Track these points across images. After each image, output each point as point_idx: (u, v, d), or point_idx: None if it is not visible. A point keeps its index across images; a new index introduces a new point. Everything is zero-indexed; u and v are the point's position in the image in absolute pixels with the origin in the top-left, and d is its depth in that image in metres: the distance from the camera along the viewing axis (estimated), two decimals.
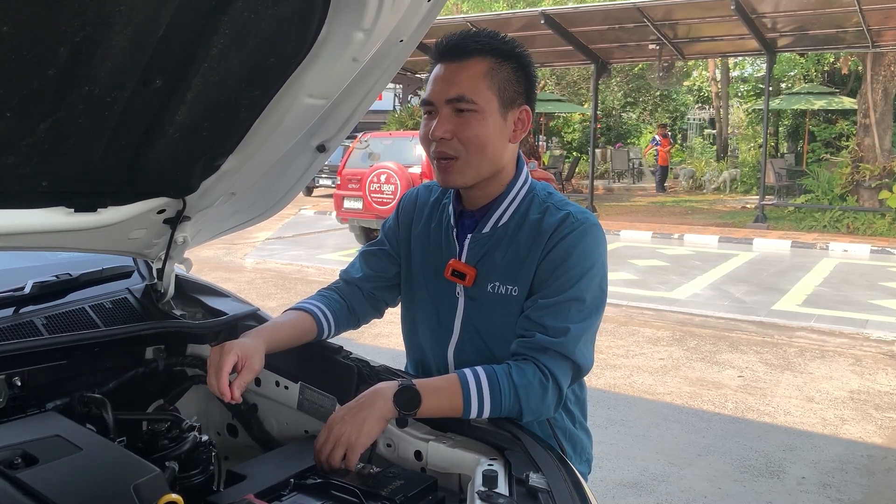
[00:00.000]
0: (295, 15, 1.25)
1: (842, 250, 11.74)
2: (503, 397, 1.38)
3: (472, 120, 1.44)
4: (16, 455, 1.21)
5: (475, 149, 1.45)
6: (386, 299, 1.74)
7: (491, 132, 1.46)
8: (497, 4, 22.63)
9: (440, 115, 1.45)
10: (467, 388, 1.37)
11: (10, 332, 1.59)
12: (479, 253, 1.53)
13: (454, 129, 1.44)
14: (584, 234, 1.47)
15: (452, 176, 1.48)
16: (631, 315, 7.50)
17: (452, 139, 1.45)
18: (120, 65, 1.15)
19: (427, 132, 1.47)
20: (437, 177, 1.52)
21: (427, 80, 1.51)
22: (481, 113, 1.44)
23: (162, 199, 1.65)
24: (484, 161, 1.48)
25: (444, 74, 1.45)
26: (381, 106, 25.79)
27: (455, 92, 1.43)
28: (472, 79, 1.43)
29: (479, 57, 1.44)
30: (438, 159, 1.48)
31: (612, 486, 3.77)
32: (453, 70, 1.44)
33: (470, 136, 1.44)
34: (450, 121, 1.44)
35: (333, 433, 1.32)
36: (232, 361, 1.39)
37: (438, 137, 1.44)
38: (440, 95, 1.45)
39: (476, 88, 1.43)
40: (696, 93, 31.91)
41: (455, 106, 1.44)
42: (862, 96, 14.47)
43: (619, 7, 13.05)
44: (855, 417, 4.79)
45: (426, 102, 1.48)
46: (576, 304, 1.44)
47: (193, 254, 1.94)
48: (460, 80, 1.43)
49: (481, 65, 1.44)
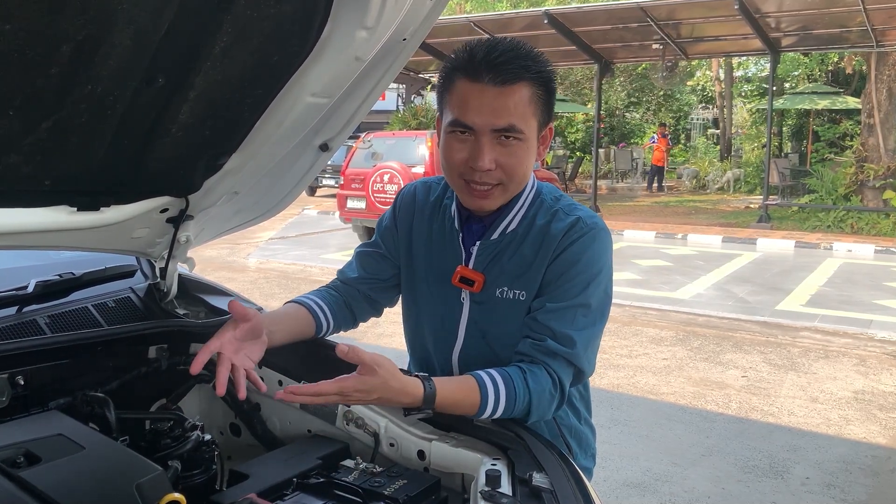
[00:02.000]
0: (298, 13, 1.25)
1: (846, 250, 11.70)
2: (517, 403, 1.38)
3: (517, 149, 1.39)
4: (18, 454, 1.22)
5: (517, 177, 1.42)
6: (383, 300, 1.72)
7: (531, 158, 1.43)
8: (500, 4, 22.62)
9: (483, 143, 1.37)
10: (485, 396, 1.36)
11: (13, 331, 1.59)
12: (487, 259, 1.51)
13: (498, 158, 1.38)
14: (594, 240, 1.45)
15: (489, 202, 1.44)
16: (634, 315, 7.49)
17: (496, 169, 1.39)
18: (122, 63, 1.14)
19: (459, 157, 1.40)
20: (465, 200, 1.47)
21: (451, 92, 1.40)
22: (525, 141, 1.39)
23: (165, 198, 1.65)
24: (520, 185, 1.46)
25: (485, 99, 1.35)
26: (384, 106, 25.79)
27: (504, 122, 1.35)
28: (520, 107, 1.36)
29: (524, 82, 1.36)
30: (475, 184, 1.41)
31: (616, 486, 3.77)
32: (496, 96, 1.35)
33: (516, 164, 1.39)
34: (494, 149, 1.38)
35: (348, 398, 1.28)
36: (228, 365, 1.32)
37: (486, 169, 1.38)
38: (484, 123, 1.36)
39: (523, 117, 1.37)
40: (699, 93, 31.85)
41: (501, 135, 1.37)
42: (866, 96, 14.43)
43: (622, 7, 13.03)
44: (859, 418, 4.78)
45: (462, 125, 1.38)
46: (583, 310, 1.43)
47: (196, 253, 1.94)
48: (508, 109, 1.35)
49: (526, 90, 1.36)
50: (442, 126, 1.45)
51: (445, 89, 1.42)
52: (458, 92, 1.38)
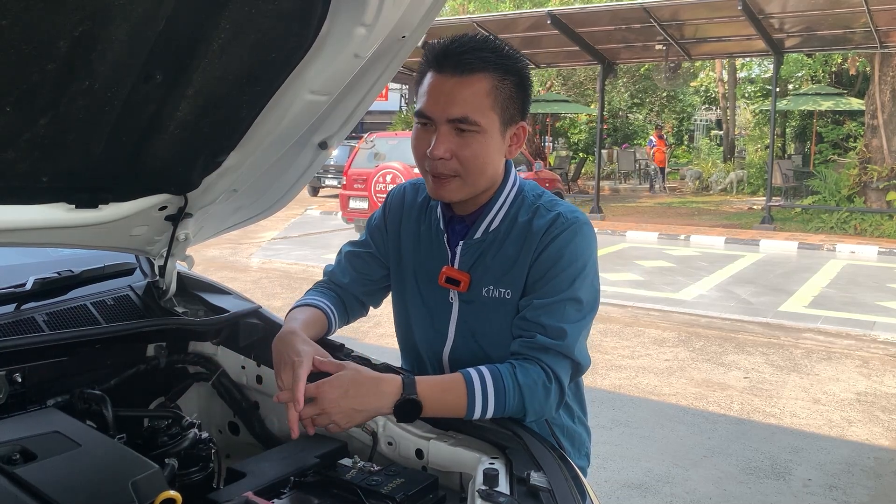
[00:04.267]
0: (296, 10, 1.24)
1: (849, 252, 11.68)
2: (507, 398, 1.37)
3: (473, 141, 1.39)
4: (14, 451, 1.21)
5: (475, 169, 1.42)
6: (371, 302, 1.72)
7: (491, 152, 1.42)
8: (503, 5, 22.61)
9: (439, 132, 1.39)
10: (472, 390, 1.36)
11: (11, 328, 1.59)
12: (472, 258, 1.51)
13: (454, 149, 1.39)
14: (576, 234, 1.45)
15: (447, 192, 1.45)
16: (637, 316, 7.48)
17: (452, 159, 1.39)
18: (120, 59, 1.14)
19: (423, 147, 1.42)
20: (429, 189, 1.48)
21: (421, 84, 1.42)
22: (483, 134, 1.38)
23: (163, 196, 1.65)
24: (481, 179, 1.45)
25: (443, 89, 1.37)
26: (386, 106, 25.85)
27: (458, 112, 1.36)
28: (476, 98, 1.36)
29: (483, 73, 1.36)
30: (433, 175, 1.43)
31: (617, 487, 3.76)
32: (454, 85, 1.36)
33: (470, 156, 1.40)
34: (449, 139, 1.38)
35: (326, 408, 1.28)
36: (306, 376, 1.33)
37: (438, 157, 1.39)
38: (440, 113, 1.38)
39: (479, 108, 1.37)
40: (702, 94, 31.82)
41: (456, 125, 1.38)
42: (870, 97, 14.40)
43: (625, 7, 13.03)
44: (862, 419, 4.76)
45: (422, 115, 1.41)
46: (571, 304, 1.43)
47: (199, 253, 1.93)
48: (463, 99, 1.36)
49: (484, 82, 1.37)
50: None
51: (418, 83, 1.45)
52: (424, 83, 1.42)
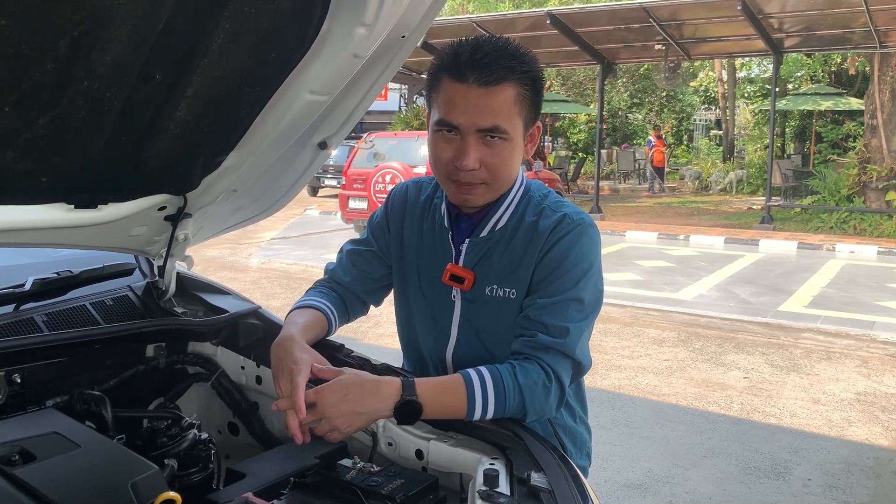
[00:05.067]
0: (295, 10, 1.24)
1: (849, 251, 11.69)
2: (507, 398, 1.36)
3: (502, 149, 1.39)
4: (13, 452, 1.21)
5: (501, 175, 1.43)
6: (373, 301, 1.72)
7: (516, 156, 1.43)
8: (503, 4, 22.62)
9: (467, 143, 1.38)
10: (472, 390, 1.35)
11: (10, 328, 1.59)
12: (477, 256, 1.51)
13: (482, 157, 1.39)
14: (581, 235, 1.46)
15: (473, 198, 1.45)
16: (636, 316, 7.48)
17: (481, 168, 1.40)
18: (119, 59, 1.14)
19: (446, 156, 1.41)
20: (451, 195, 1.48)
21: (438, 91, 1.41)
22: (510, 141, 1.39)
23: (163, 196, 1.65)
24: (506, 184, 1.47)
25: (470, 99, 1.36)
26: (386, 106, 25.84)
27: (488, 122, 1.36)
28: (504, 107, 1.36)
29: (508, 82, 1.36)
30: (460, 183, 1.43)
31: (617, 488, 3.76)
32: (481, 96, 1.35)
33: (499, 163, 1.40)
34: (478, 149, 1.38)
35: (327, 413, 1.29)
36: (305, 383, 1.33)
37: (470, 169, 1.39)
38: (469, 124, 1.37)
39: (508, 117, 1.37)
40: (702, 93, 31.84)
41: (486, 135, 1.38)
42: (869, 97, 14.40)
43: (625, 7, 13.03)
44: (861, 419, 4.76)
45: (447, 124, 1.39)
46: (574, 304, 1.43)
47: (198, 253, 1.93)
48: (492, 110, 1.36)
49: (511, 91, 1.37)
50: (430, 124, 1.46)
51: (432, 88, 1.43)
52: (443, 91, 1.39)
